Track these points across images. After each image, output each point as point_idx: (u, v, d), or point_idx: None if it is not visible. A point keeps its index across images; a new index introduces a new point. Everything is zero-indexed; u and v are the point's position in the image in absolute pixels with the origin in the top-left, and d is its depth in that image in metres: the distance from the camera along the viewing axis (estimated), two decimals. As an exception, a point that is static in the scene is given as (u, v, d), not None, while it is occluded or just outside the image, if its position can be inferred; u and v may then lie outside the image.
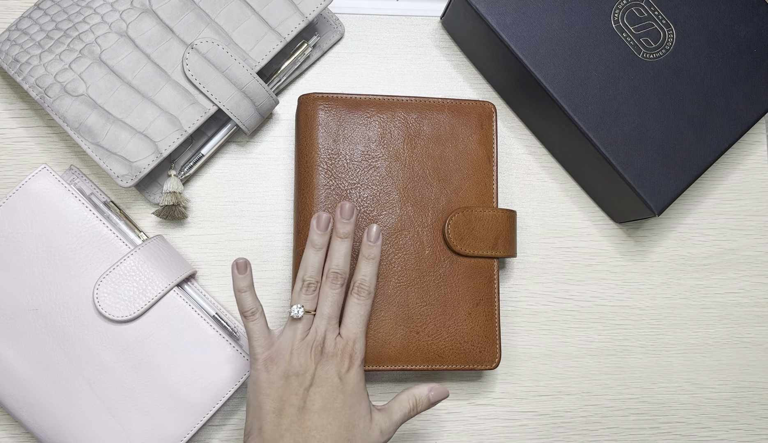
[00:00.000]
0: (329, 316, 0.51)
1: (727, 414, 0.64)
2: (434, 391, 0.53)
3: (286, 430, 0.48)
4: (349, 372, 0.50)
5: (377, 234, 0.53)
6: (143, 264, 0.55)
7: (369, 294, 0.52)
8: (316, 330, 0.51)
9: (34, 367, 0.53)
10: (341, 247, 0.52)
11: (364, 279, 0.52)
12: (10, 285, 0.54)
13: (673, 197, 0.58)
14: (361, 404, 0.50)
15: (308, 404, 0.49)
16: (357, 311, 0.52)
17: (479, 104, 0.60)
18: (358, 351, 0.51)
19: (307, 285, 0.51)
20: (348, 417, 0.49)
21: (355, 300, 0.52)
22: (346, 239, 0.52)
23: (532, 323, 0.63)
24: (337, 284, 0.51)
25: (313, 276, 0.51)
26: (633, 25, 0.59)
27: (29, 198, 0.55)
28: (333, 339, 0.51)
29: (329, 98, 0.58)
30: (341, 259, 0.52)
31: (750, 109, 0.60)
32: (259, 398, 0.49)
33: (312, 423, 0.48)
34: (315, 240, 0.52)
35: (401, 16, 0.65)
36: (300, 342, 0.50)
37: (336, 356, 0.50)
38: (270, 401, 0.49)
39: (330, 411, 0.49)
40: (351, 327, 0.52)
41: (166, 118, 0.55)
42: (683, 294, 0.65)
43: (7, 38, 0.55)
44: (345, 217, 0.52)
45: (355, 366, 0.50)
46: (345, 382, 0.50)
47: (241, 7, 0.57)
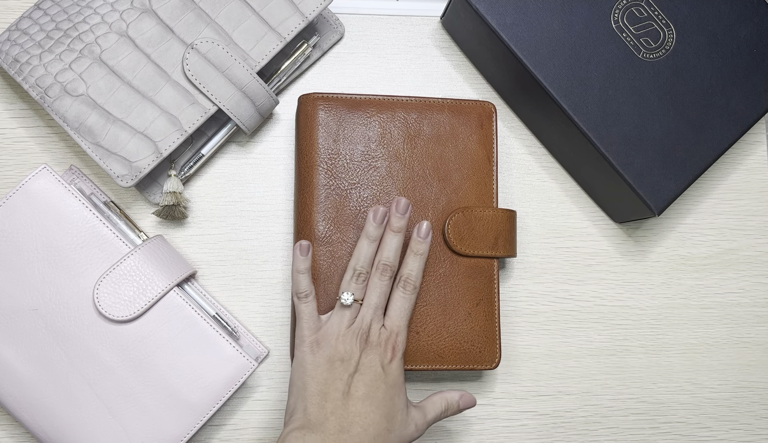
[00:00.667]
0: (376, 306, 0.52)
1: (727, 414, 0.64)
2: (464, 399, 0.55)
3: (331, 413, 0.49)
4: (392, 363, 0.51)
5: (427, 230, 0.54)
6: (143, 264, 0.55)
7: (414, 289, 0.53)
8: (362, 318, 0.52)
9: (34, 367, 0.53)
10: (393, 241, 0.53)
11: (411, 273, 0.53)
12: (10, 285, 0.54)
13: (673, 197, 0.58)
14: (401, 396, 0.51)
15: (352, 390, 0.50)
16: (401, 304, 0.53)
17: (479, 104, 0.60)
18: (401, 343, 0.52)
19: (358, 274, 0.52)
20: (389, 407, 0.50)
21: (401, 293, 0.53)
22: (399, 233, 0.53)
23: (532, 323, 0.63)
24: (386, 276, 0.53)
25: (364, 266, 0.53)
26: (633, 25, 0.59)
27: (29, 198, 0.55)
28: (378, 329, 0.52)
29: (329, 98, 0.58)
30: (392, 252, 0.53)
31: (750, 109, 0.60)
32: (304, 379, 0.50)
33: (356, 408, 0.49)
34: (370, 233, 0.53)
35: (401, 16, 0.65)
36: (346, 329, 0.51)
37: (380, 346, 0.51)
38: (315, 383, 0.50)
39: (372, 399, 0.49)
40: (395, 319, 0.52)
41: (166, 118, 0.55)
42: (683, 294, 0.65)
43: (7, 38, 0.55)
44: (401, 211, 0.53)
45: (397, 358, 0.51)
46: (387, 373, 0.51)
47: (241, 7, 0.57)
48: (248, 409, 0.59)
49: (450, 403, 0.54)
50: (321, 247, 0.56)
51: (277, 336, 0.60)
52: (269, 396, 0.59)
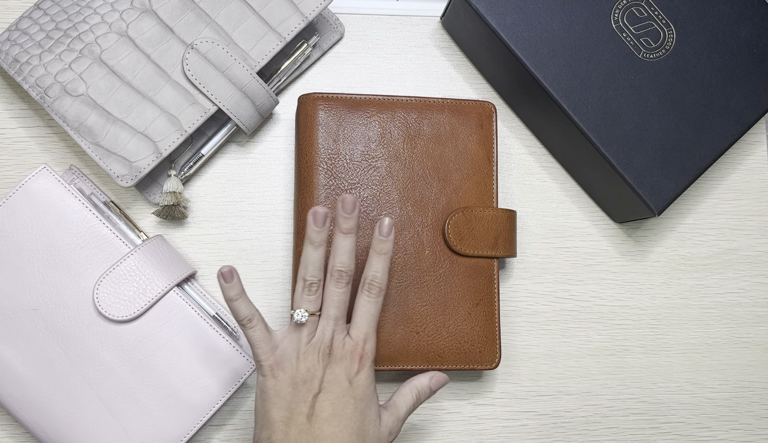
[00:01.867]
0: (336, 317, 0.49)
1: (727, 414, 0.64)
2: (435, 379, 0.52)
3: (295, 440, 0.46)
4: (360, 375, 0.48)
5: (389, 227, 0.49)
6: (143, 264, 0.55)
7: (380, 291, 0.49)
8: (323, 331, 0.48)
9: (34, 367, 0.53)
10: (345, 243, 0.49)
11: (376, 275, 0.49)
12: (10, 285, 0.54)
13: (673, 197, 0.58)
14: (371, 408, 0.48)
15: (317, 411, 0.47)
16: (368, 310, 0.49)
17: (479, 104, 0.60)
18: (369, 351, 0.49)
19: (309, 285, 0.48)
20: (359, 422, 0.47)
21: (365, 297, 0.49)
22: (350, 234, 0.49)
23: (532, 323, 0.63)
24: (342, 282, 0.49)
25: (314, 274, 0.48)
26: (633, 25, 0.59)
27: (29, 198, 0.55)
28: (341, 341, 0.49)
29: (329, 98, 0.58)
30: (345, 256, 0.49)
31: (750, 109, 0.60)
32: (266, 406, 0.47)
33: (322, 431, 0.46)
34: (313, 238, 0.48)
35: (401, 16, 0.65)
36: (306, 346, 0.48)
37: (345, 358, 0.48)
38: (278, 409, 0.47)
39: (340, 417, 0.47)
40: (361, 326, 0.49)
41: (166, 118, 0.55)
42: (683, 294, 0.65)
43: (7, 38, 0.55)
44: (347, 211, 0.48)
45: (365, 368, 0.48)
46: (355, 386, 0.48)
47: (241, 7, 0.57)
48: (248, 409, 0.59)
49: (421, 390, 0.52)
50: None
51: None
52: (269, 396, 0.59)
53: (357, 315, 0.49)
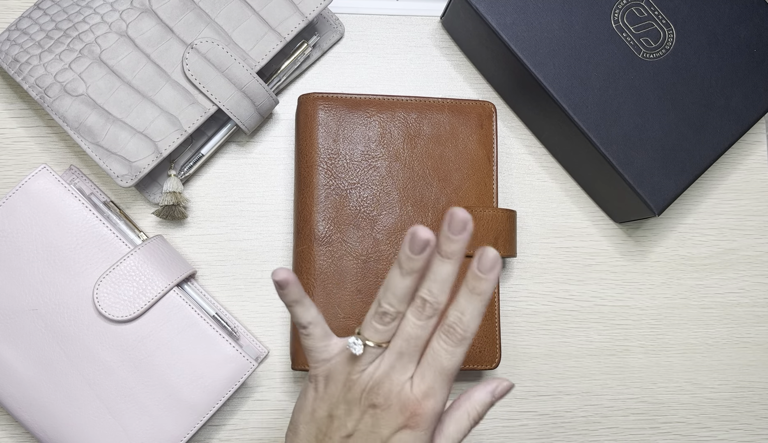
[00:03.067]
0: (401, 353, 0.39)
1: (727, 414, 0.64)
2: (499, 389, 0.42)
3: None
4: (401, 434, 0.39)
5: (494, 261, 0.38)
6: (143, 264, 0.55)
7: (463, 340, 0.39)
8: (378, 366, 0.40)
9: (34, 367, 0.53)
10: (443, 269, 0.38)
11: (462, 318, 0.39)
12: (10, 285, 0.54)
13: (673, 197, 0.58)
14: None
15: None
16: (441, 362, 0.39)
17: (479, 104, 0.60)
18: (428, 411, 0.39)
19: (383, 313, 0.39)
20: None
21: (443, 345, 0.39)
22: (451, 260, 0.38)
23: (532, 323, 0.63)
24: (425, 315, 0.39)
25: (393, 304, 0.39)
26: (633, 25, 0.59)
27: (29, 198, 0.55)
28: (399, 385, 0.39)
29: (329, 98, 0.58)
30: (437, 284, 0.38)
31: (750, 109, 0.60)
32: (299, 417, 0.42)
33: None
34: (403, 263, 0.38)
35: (401, 16, 0.65)
36: (357, 374, 0.40)
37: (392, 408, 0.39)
38: (307, 430, 0.41)
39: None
40: (428, 377, 0.39)
41: (166, 118, 0.55)
42: (683, 294, 0.65)
43: (7, 38, 0.55)
44: (454, 231, 0.37)
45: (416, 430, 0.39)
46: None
47: (241, 7, 0.57)
48: (248, 409, 0.59)
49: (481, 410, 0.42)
50: (321, 247, 0.56)
51: (277, 336, 0.60)
52: (269, 396, 0.59)
53: (425, 361, 0.40)
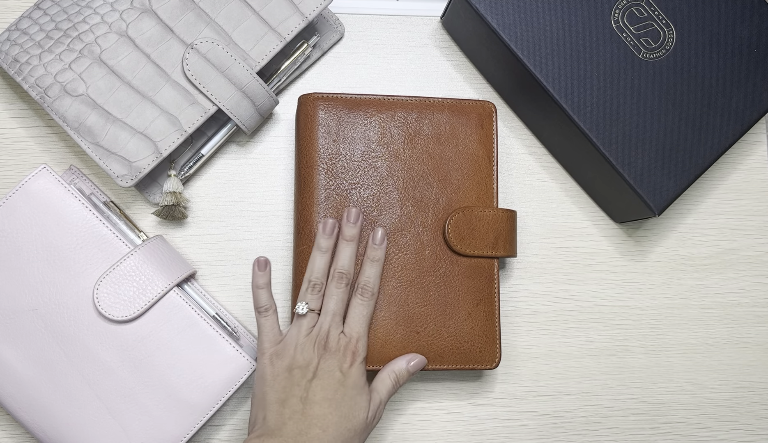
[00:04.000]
0: (333, 313, 0.53)
1: (727, 414, 0.64)
2: (413, 363, 0.55)
3: (289, 418, 0.49)
4: (351, 368, 0.52)
5: (382, 237, 0.56)
6: (143, 264, 0.55)
7: (372, 295, 0.54)
8: (320, 326, 0.53)
9: (34, 367, 0.53)
10: (347, 249, 0.55)
11: (368, 280, 0.54)
12: (10, 285, 0.54)
13: (673, 197, 0.58)
14: (362, 396, 0.52)
15: (310, 395, 0.50)
16: (360, 311, 0.54)
17: (479, 104, 0.60)
18: (361, 349, 0.53)
19: (313, 285, 0.53)
20: (348, 407, 0.51)
21: (359, 300, 0.54)
22: (352, 242, 0.55)
23: (532, 323, 0.63)
24: (342, 283, 0.54)
25: (318, 277, 0.54)
26: (633, 25, 0.59)
27: (29, 198, 0.54)
28: (336, 336, 0.52)
29: (329, 98, 0.58)
30: (346, 261, 0.54)
31: (750, 109, 0.60)
32: (264, 389, 0.51)
33: (313, 412, 0.50)
34: (321, 244, 0.54)
35: (401, 16, 0.65)
36: (305, 338, 0.52)
37: (339, 352, 0.52)
38: (274, 392, 0.51)
39: (331, 401, 0.50)
40: (354, 326, 0.53)
41: (166, 118, 0.55)
42: (683, 294, 0.65)
43: (7, 38, 0.55)
44: (351, 221, 0.55)
45: (356, 363, 0.52)
46: (347, 376, 0.51)
47: (241, 7, 0.57)
48: (248, 409, 0.59)
49: (399, 375, 0.55)
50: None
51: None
52: (269, 396, 0.59)
53: (351, 316, 0.54)
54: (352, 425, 0.50)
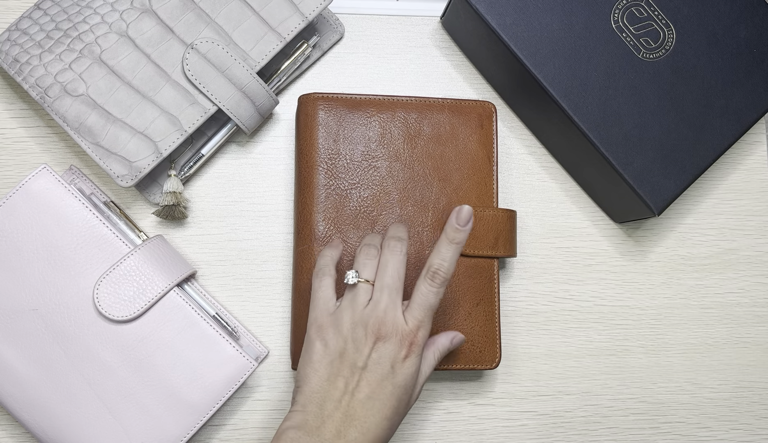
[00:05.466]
0: (390, 289, 0.48)
1: (727, 414, 0.64)
2: (456, 340, 0.52)
3: (329, 417, 0.46)
4: (405, 362, 0.47)
5: (468, 216, 0.49)
6: (143, 264, 0.55)
7: (444, 281, 0.48)
8: (376, 303, 0.47)
9: (34, 367, 0.53)
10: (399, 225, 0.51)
11: (443, 264, 0.48)
12: (10, 285, 0.54)
13: (673, 197, 0.58)
14: (407, 395, 0.48)
15: (355, 391, 0.47)
16: (427, 299, 0.48)
17: (479, 104, 0.60)
18: (421, 339, 0.47)
19: (367, 246, 0.49)
20: (393, 408, 0.47)
21: (428, 286, 0.48)
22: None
23: (532, 323, 0.63)
24: (397, 250, 0.48)
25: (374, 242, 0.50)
26: (633, 25, 0.59)
27: (29, 198, 0.55)
28: (393, 319, 0.47)
29: (329, 98, 0.58)
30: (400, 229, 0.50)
31: (750, 109, 0.60)
32: (307, 371, 0.48)
33: (355, 411, 0.46)
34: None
35: (401, 16, 0.65)
36: (360, 315, 0.47)
37: (395, 337, 0.47)
38: (318, 378, 0.47)
39: (375, 400, 0.46)
40: (417, 312, 0.48)
41: (166, 118, 0.55)
42: (683, 294, 0.65)
43: (7, 38, 0.55)
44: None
45: (412, 356, 0.47)
46: (397, 372, 0.47)
47: (241, 7, 0.57)
48: (248, 409, 0.59)
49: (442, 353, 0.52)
50: (321, 247, 0.56)
51: (277, 336, 0.60)
52: (269, 396, 0.59)
53: (415, 301, 0.48)
54: (391, 423, 0.47)
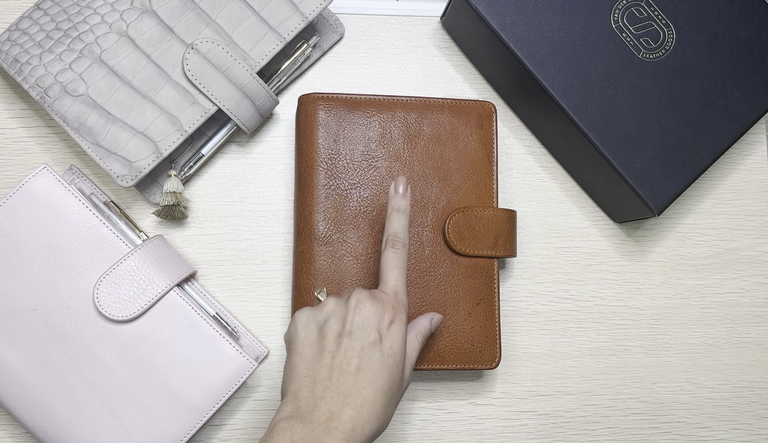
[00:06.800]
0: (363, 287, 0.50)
1: (726, 414, 0.64)
2: (434, 320, 0.53)
3: (321, 398, 0.44)
4: (391, 328, 0.46)
5: (405, 185, 0.52)
6: (143, 264, 0.55)
7: (404, 246, 0.50)
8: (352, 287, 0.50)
9: (35, 367, 0.53)
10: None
11: (397, 230, 0.51)
12: (10, 285, 0.54)
13: (673, 197, 0.58)
14: (399, 366, 0.46)
15: (344, 363, 0.45)
16: (395, 263, 0.49)
17: (479, 104, 0.60)
18: (401, 304, 0.47)
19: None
20: (385, 380, 0.45)
21: (391, 252, 0.50)
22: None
23: (532, 323, 0.63)
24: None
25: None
26: (633, 25, 0.59)
27: (29, 198, 0.55)
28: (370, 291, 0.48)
29: (329, 98, 0.58)
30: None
31: (750, 109, 0.60)
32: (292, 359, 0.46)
33: (347, 387, 0.44)
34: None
35: (401, 16, 0.65)
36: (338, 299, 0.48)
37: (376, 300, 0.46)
38: (303, 361, 0.45)
39: (365, 372, 0.44)
40: (390, 280, 0.49)
41: (166, 118, 0.55)
42: (683, 294, 0.65)
43: (8, 38, 0.55)
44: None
45: (397, 321, 0.46)
46: (384, 339, 0.46)
47: (241, 7, 0.57)
48: (248, 409, 0.59)
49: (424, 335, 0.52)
50: (321, 247, 0.56)
51: (277, 336, 0.60)
52: (269, 396, 0.59)
53: (385, 271, 0.49)
54: (387, 399, 0.45)
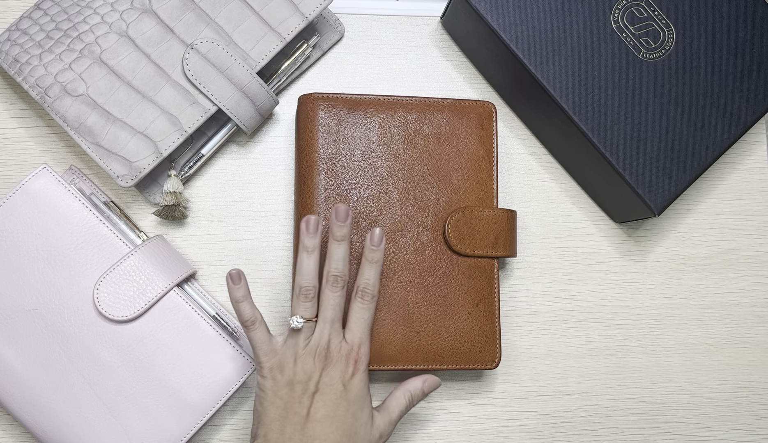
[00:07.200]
0: (332, 320, 0.51)
1: (726, 414, 0.64)
2: (428, 383, 0.55)
3: (290, 439, 0.49)
4: (354, 378, 0.51)
5: (380, 237, 0.52)
6: (143, 264, 0.55)
7: (373, 298, 0.52)
8: (320, 335, 0.51)
9: (34, 367, 0.53)
10: (338, 250, 0.51)
11: (368, 282, 0.52)
12: (10, 285, 0.54)
13: (673, 197, 0.58)
14: (363, 411, 0.51)
15: (312, 412, 0.49)
16: (361, 315, 0.52)
17: (479, 104, 0.60)
18: (363, 355, 0.51)
19: (306, 292, 0.51)
20: (350, 424, 0.50)
21: (359, 304, 0.52)
22: (343, 242, 0.51)
23: (532, 323, 0.63)
24: (338, 287, 0.51)
25: (309, 281, 0.51)
26: (633, 25, 0.59)
27: (29, 198, 0.55)
28: (338, 344, 0.51)
29: (329, 98, 0.58)
30: (340, 263, 0.51)
31: (750, 109, 0.60)
32: (264, 405, 0.50)
33: (315, 431, 0.49)
34: (307, 244, 0.51)
35: (401, 16, 0.65)
36: (304, 350, 0.50)
37: (341, 362, 0.51)
38: (275, 408, 0.50)
39: (333, 418, 0.49)
40: (356, 331, 0.52)
41: (166, 118, 0.55)
42: (683, 294, 0.65)
43: (7, 38, 0.55)
44: (340, 219, 0.51)
45: (359, 372, 0.51)
46: (349, 389, 0.50)
47: (241, 7, 0.57)
48: (248, 409, 0.59)
49: (414, 394, 0.54)
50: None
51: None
52: (269, 396, 0.59)
53: (351, 321, 0.52)
54: (352, 442, 0.50)
